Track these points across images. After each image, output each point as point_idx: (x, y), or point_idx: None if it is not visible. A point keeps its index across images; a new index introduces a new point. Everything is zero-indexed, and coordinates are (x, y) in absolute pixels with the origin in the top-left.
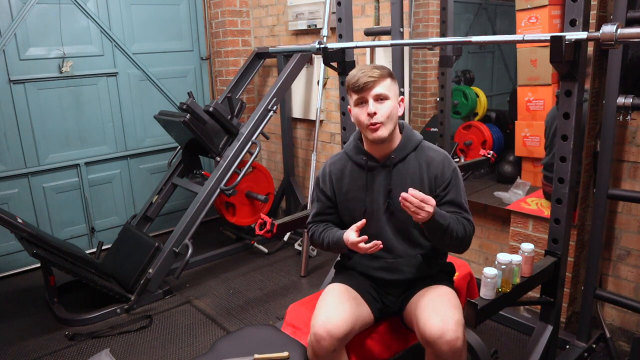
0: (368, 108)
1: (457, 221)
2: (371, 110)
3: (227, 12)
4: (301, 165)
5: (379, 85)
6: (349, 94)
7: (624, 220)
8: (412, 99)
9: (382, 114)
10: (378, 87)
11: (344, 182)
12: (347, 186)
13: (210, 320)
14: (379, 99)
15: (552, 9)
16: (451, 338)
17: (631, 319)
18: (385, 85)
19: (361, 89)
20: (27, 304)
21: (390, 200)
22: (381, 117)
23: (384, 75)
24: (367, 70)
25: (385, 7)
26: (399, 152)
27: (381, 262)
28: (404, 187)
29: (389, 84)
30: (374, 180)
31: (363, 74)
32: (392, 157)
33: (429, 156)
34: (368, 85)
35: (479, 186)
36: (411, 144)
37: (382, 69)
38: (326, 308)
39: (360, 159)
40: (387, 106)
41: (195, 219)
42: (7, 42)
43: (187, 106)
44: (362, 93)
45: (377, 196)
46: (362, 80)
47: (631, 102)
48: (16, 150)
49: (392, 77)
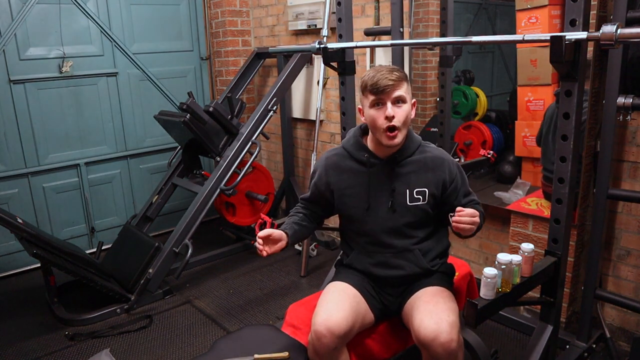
0: (386, 111)
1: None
2: (390, 114)
3: (227, 12)
4: (301, 165)
5: (398, 88)
6: (364, 94)
7: (624, 220)
8: (412, 98)
9: (399, 118)
10: (397, 91)
11: (343, 177)
12: (346, 182)
13: (210, 320)
14: (396, 103)
15: (552, 9)
16: (445, 340)
17: (631, 319)
18: (403, 88)
19: (381, 91)
20: (27, 304)
21: (394, 199)
22: (398, 122)
23: (402, 78)
24: (386, 72)
25: (385, 7)
26: (403, 152)
27: (379, 257)
28: (408, 183)
29: (406, 87)
30: (375, 178)
31: (382, 76)
32: (396, 156)
33: (431, 156)
34: (388, 89)
35: (479, 186)
36: (414, 144)
37: (400, 71)
38: (327, 306)
39: (362, 155)
40: (404, 110)
41: (195, 219)
42: (7, 42)
43: (187, 106)
44: (380, 95)
45: (379, 194)
46: (382, 82)
47: (631, 102)
48: (16, 150)
49: (408, 81)
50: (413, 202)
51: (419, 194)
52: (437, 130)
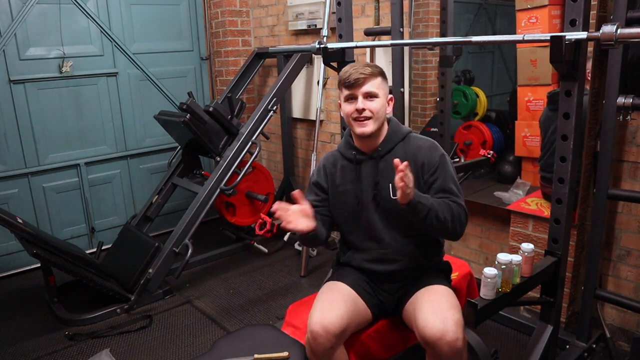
0: (357, 104)
1: (442, 203)
2: (359, 107)
3: (227, 12)
4: (301, 165)
5: (369, 82)
6: (340, 89)
7: (624, 220)
8: (412, 99)
9: (370, 110)
10: (368, 85)
11: (336, 175)
12: (339, 180)
13: (210, 320)
14: (368, 97)
15: (552, 9)
16: (451, 339)
17: (631, 319)
18: (375, 83)
19: (352, 85)
20: (27, 304)
21: (377, 192)
22: (369, 113)
23: (374, 73)
24: (359, 67)
25: (385, 7)
26: (385, 145)
27: (373, 253)
28: (390, 178)
29: (379, 82)
30: (362, 173)
31: (355, 70)
32: (379, 149)
33: (416, 145)
34: (359, 82)
35: (479, 186)
36: (397, 136)
37: (374, 67)
38: (322, 305)
39: (350, 153)
40: (376, 103)
41: (195, 219)
42: (7, 42)
43: (187, 106)
44: (352, 89)
45: (366, 188)
46: (353, 76)
47: (631, 102)
48: (16, 150)
49: (383, 76)
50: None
51: None
52: (437, 130)
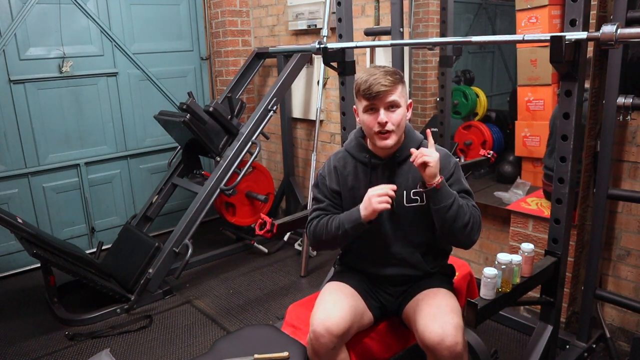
0: (379, 117)
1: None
2: (382, 120)
3: (227, 12)
4: (301, 165)
5: (391, 94)
6: (357, 98)
7: (624, 220)
8: (412, 99)
9: (393, 123)
10: (391, 96)
11: (349, 178)
12: (351, 182)
13: (210, 320)
14: (389, 107)
15: (552, 9)
16: (451, 343)
17: (631, 319)
18: (397, 93)
19: (374, 97)
20: (27, 304)
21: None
22: (392, 126)
23: (396, 81)
24: (379, 76)
25: (385, 7)
26: (402, 151)
27: (378, 258)
28: (405, 185)
29: (400, 90)
30: (377, 178)
31: (375, 81)
32: (397, 155)
33: None
34: (380, 95)
35: (479, 186)
36: (413, 143)
37: (394, 74)
38: (325, 306)
39: (364, 157)
40: (398, 114)
41: (195, 219)
42: (7, 42)
43: (187, 106)
44: (373, 101)
45: None
46: (374, 88)
47: (631, 102)
48: (16, 150)
49: (403, 82)
50: (410, 202)
51: (416, 194)
52: (437, 130)
